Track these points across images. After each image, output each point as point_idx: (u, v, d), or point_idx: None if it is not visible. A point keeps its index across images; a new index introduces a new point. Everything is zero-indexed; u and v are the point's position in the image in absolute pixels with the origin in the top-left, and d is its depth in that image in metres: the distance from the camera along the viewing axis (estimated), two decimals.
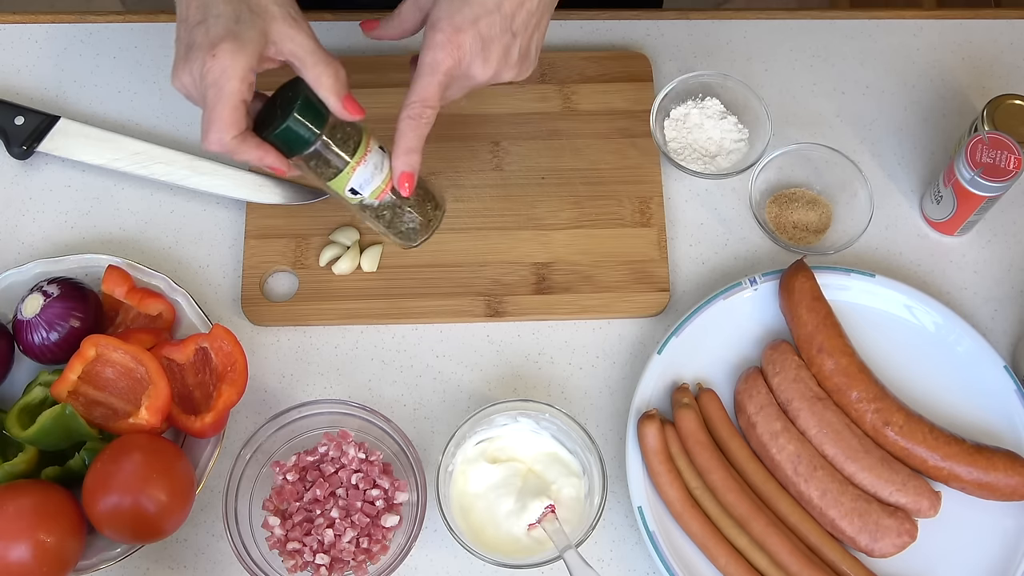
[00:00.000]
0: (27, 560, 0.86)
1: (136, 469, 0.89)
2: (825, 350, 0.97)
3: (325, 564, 0.91)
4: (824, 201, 1.08)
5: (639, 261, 1.06)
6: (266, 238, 1.06)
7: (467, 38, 0.84)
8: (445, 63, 0.85)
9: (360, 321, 1.04)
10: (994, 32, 1.18)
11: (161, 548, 0.96)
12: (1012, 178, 0.99)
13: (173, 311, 1.01)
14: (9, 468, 0.92)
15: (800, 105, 1.14)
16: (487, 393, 1.02)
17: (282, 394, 1.02)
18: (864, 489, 0.94)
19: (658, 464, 0.94)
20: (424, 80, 0.85)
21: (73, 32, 1.16)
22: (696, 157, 1.08)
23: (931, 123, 1.14)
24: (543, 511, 0.92)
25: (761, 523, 0.92)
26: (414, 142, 0.87)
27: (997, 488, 0.94)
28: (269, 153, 0.86)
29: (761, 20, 1.18)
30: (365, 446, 0.95)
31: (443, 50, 0.84)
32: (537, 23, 0.88)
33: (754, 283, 1.03)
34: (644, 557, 0.96)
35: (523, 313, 1.04)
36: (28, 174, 1.10)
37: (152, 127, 1.12)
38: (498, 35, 0.85)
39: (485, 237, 1.06)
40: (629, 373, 1.03)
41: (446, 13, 0.85)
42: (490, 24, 0.85)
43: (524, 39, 0.88)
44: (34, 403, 0.94)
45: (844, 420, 0.96)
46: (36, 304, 0.96)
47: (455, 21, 0.84)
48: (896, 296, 1.03)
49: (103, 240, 1.07)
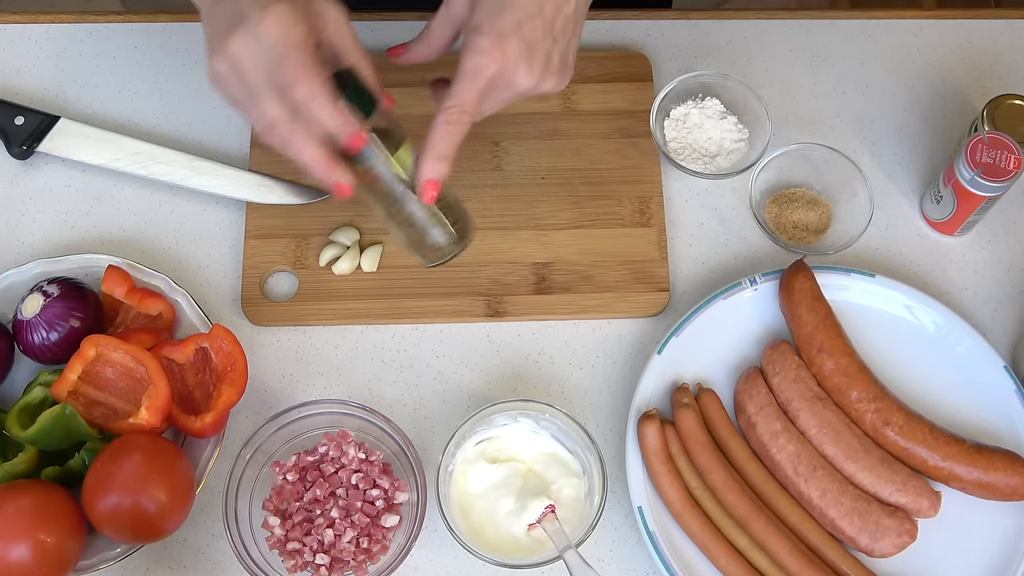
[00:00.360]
0: (27, 560, 0.86)
1: (136, 469, 0.89)
2: (825, 350, 0.97)
3: (325, 564, 0.91)
4: (824, 201, 1.08)
5: (639, 261, 1.06)
6: (266, 238, 1.06)
7: (512, 43, 0.80)
8: (489, 68, 0.81)
9: (360, 321, 1.04)
10: (994, 32, 1.18)
11: (161, 548, 0.96)
12: (1012, 178, 0.99)
13: (173, 311, 1.01)
14: (9, 468, 0.92)
15: (800, 105, 1.14)
16: (487, 393, 1.02)
17: (282, 394, 1.02)
18: (864, 489, 0.94)
19: (658, 464, 0.94)
20: (465, 85, 0.82)
21: (73, 32, 1.16)
22: (696, 157, 1.08)
23: (931, 123, 1.14)
24: (543, 511, 0.92)
25: (761, 523, 0.92)
26: (447, 148, 0.83)
27: (997, 488, 0.94)
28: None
29: (761, 20, 1.18)
30: (365, 446, 0.95)
31: (487, 55, 0.80)
32: (574, 29, 0.85)
33: (754, 283, 1.03)
34: (644, 557, 0.96)
35: (523, 313, 1.04)
36: (28, 174, 1.10)
37: (152, 127, 1.12)
38: (540, 39, 0.82)
39: (485, 237, 1.06)
40: (629, 373, 1.03)
41: (487, 17, 0.81)
42: (533, 28, 0.81)
43: (563, 44, 0.84)
44: (34, 403, 0.94)
45: (844, 420, 0.96)
46: (36, 304, 0.96)
47: (498, 26, 0.80)
48: (896, 296, 1.03)
49: (103, 240, 1.07)
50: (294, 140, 0.80)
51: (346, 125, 0.80)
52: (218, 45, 0.78)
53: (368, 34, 1.15)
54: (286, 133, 0.80)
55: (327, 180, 0.82)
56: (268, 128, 0.80)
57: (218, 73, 0.80)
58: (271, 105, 0.79)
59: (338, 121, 0.80)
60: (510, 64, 0.81)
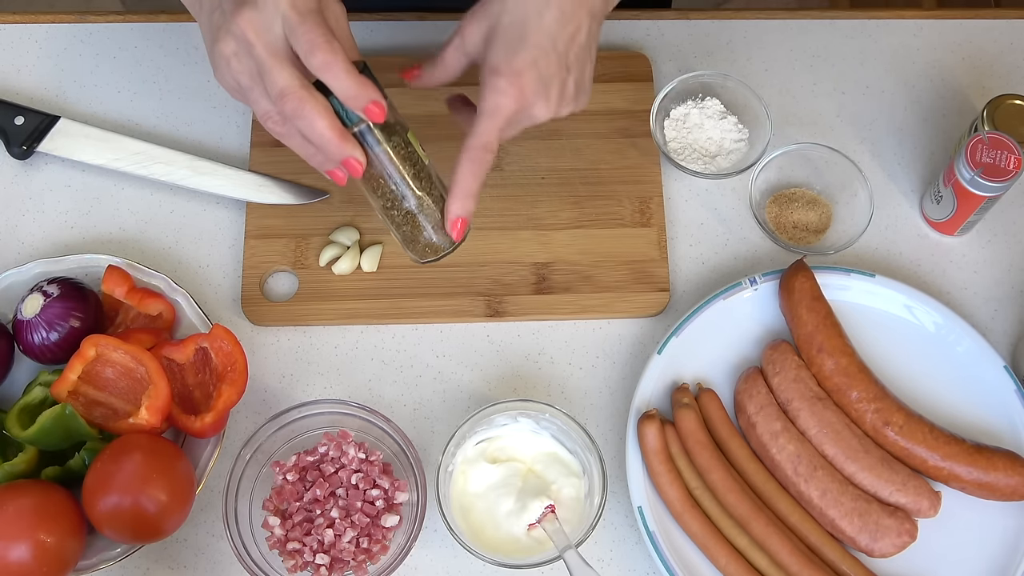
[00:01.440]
0: (27, 560, 0.86)
1: (136, 469, 0.89)
2: (825, 350, 0.97)
3: (325, 564, 0.91)
4: (824, 201, 1.08)
5: (639, 261, 1.06)
6: (266, 238, 1.06)
7: (528, 81, 0.83)
8: (508, 107, 0.83)
9: (360, 321, 1.04)
10: (994, 32, 1.18)
11: (161, 548, 0.96)
12: (1012, 178, 0.99)
13: (173, 311, 1.01)
14: (9, 468, 0.92)
15: (800, 105, 1.14)
16: (487, 393, 1.02)
17: (282, 394, 1.02)
18: (864, 489, 0.94)
19: (658, 464, 0.94)
20: (486, 124, 0.84)
21: (73, 32, 1.16)
22: (696, 157, 1.08)
23: (931, 123, 1.14)
24: (543, 511, 0.92)
25: (761, 523, 0.92)
26: (474, 187, 0.85)
27: (997, 488, 0.94)
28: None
29: (761, 20, 1.18)
30: (365, 446, 0.95)
31: (505, 95, 0.83)
32: (588, 55, 0.87)
33: (754, 283, 1.03)
34: (644, 557, 0.96)
35: (523, 313, 1.04)
36: (28, 174, 1.10)
37: (152, 127, 1.12)
38: (555, 73, 0.84)
39: (485, 237, 1.06)
40: (629, 373, 1.03)
41: (504, 57, 0.83)
42: (547, 64, 0.84)
43: (577, 73, 0.87)
44: (34, 403, 0.94)
45: (844, 420, 0.96)
46: (36, 304, 0.96)
47: (514, 65, 0.83)
48: (896, 296, 1.03)
49: (103, 240, 1.07)
50: (304, 110, 0.78)
51: (364, 91, 0.79)
52: (223, 28, 0.79)
53: (368, 34, 1.15)
54: (296, 104, 0.78)
55: (339, 156, 0.81)
56: (279, 99, 0.78)
57: (224, 55, 0.80)
58: (281, 74, 0.78)
59: (356, 87, 0.78)
60: (528, 100, 0.84)
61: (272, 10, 0.78)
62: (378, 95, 0.80)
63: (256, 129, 1.10)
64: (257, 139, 1.10)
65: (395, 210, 0.88)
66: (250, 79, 0.80)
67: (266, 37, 0.78)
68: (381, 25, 1.16)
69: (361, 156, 0.82)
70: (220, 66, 0.81)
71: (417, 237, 0.89)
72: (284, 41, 0.78)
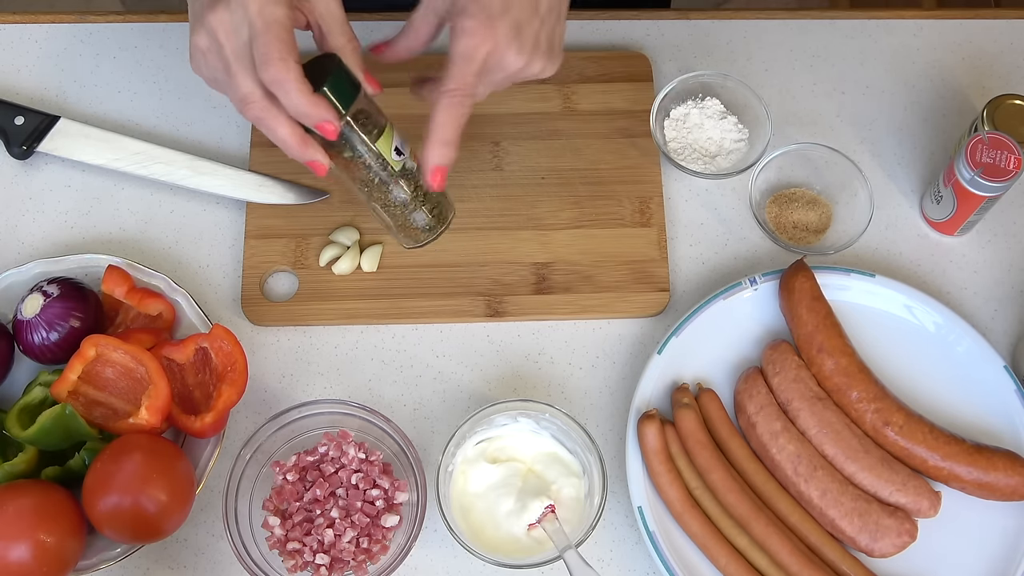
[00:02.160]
0: (27, 560, 0.86)
1: (136, 469, 0.89)
2: (825, 350, 0.97)
3: (325, 564, 0.91)
4: (824, 201, 1.08)
5: (639, 261, 1.06)
6: (266, 238, 1.06)
7: (501, 23, 0.80)
8: (482, 49, 0.81)
9: (360, 321, 1.04)
10: (994, 32, 1.18)
11: (161, 548, 0.96)
12: (1012, 178, 0.99)
13: (173, 311, 1.01)
14: (9, 468, 0.92)
15: (800, 105, 1.14)
16: (487, 393, 1.02)
17: (282, 394, 1.02)
18: (864, 489, 0.94)
19: (658, 464, 0.94)
20: (461, 67, 0.81)
21: (73, 32, 1.16)
22: (696, 157, 1.08)
23: (931, 123, 1.14)
24: (543, 511, 0.92)
25: (761, 523, 0.92)
26: (452, 133, 0.83)
27: (997, 488, 0.94)
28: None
29: (761, 20, 1.18)
30: (365, 446, 0.95)
31: (477, 36, 0.80)
32: (559, 12, 0.86)
33: (754, 283, 1.03)
34: (644, 557, 0.96)
35: (523, 313, 1.04)
36: (28, 174, 1.10)
37: (152, 127, 1.12)
38: (528, 20, 0.82)
39: (485, 237, 1.06)
40: (629, 373, 1.03)
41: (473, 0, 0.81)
42: (520, 8, 0.82)
43: (549, 26, 0.84)
44: (34, 403, 0.94)
45: (844, 420, 0.96)
46: (36, 304, 0.96)
47: (485, 7, 0.80)
48: (896, 296, 1.03)
49: (103, 240, 1.07)
50: (267, 117, 0.80)
51: (313, 112, 0.79)
52: (199, 22, 0.79)
53: (368, 34, 1.15)
54: (258, 110, 0.80)
55: (300, 159, 0.83)
56: (241, 104, 0.80)
57: (199, 47, 0.80)
58: (245, 80, 0.79)
59: (305, 107, 0.79)
60: (500, 44, 0.82)
61: (241, 14, 0.78)
62: (330, 114, 0.80)
63: (256, 129, 1.10)
64: (257, 139, 1.10)
65: (380, 199, 0.89)
66: (224, 74, 0.81)
67: (234, 41, 0.78)
68: (381, 25, 1.16)
69: (324, 159, 0.83)
70: (195, 57, 0.82)
71: (404, 224, 0.91)
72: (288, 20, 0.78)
